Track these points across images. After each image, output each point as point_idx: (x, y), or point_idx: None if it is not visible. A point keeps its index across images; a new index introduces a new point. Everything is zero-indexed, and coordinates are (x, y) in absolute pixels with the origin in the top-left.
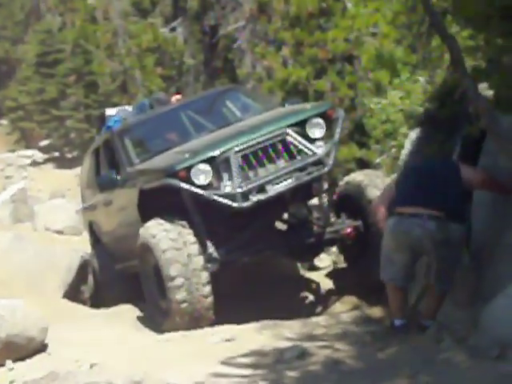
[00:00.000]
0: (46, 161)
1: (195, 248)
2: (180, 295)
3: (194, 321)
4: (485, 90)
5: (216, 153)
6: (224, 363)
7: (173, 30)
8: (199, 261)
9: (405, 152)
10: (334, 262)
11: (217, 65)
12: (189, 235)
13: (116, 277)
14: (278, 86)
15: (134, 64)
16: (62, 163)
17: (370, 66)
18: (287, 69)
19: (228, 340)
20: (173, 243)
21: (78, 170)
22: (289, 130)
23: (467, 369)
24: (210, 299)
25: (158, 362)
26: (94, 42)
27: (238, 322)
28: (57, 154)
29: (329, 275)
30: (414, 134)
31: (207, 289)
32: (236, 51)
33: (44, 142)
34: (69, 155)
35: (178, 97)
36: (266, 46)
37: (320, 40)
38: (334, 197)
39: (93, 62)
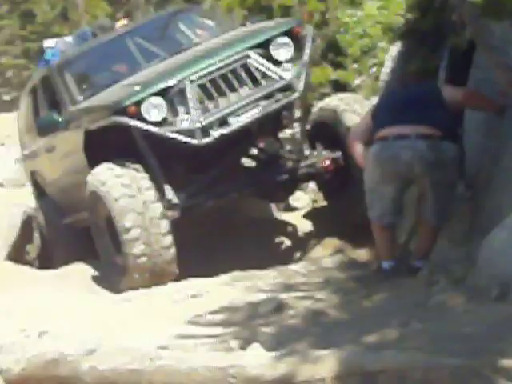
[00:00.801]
0: None
1: (152, 194)
2: (137, 248)
3: (156, 276)
4: None
5: (169, 83)
6: (190, 322)
7: None
8: (157, 208)
9: (385, 70)
10: (314, 201)
11: None
12: (143, 180)
13: (65, 232)
14: (237, 2)
15: None
16: None
17: None
18: None
19: (194, 296)
20: (126, 190)
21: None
22: (250, 53)
23: (464, 312)
24: (172, 251)
25: (115, 326)
26: None
27: (206, 276)
28: None
29: (307, 216)
30: (395, 49)
31: (168, 239)
32: None
33: None
34: (6, 97)
35: (124, 22)
36: None
37: None
38: (308, 126)
39: None
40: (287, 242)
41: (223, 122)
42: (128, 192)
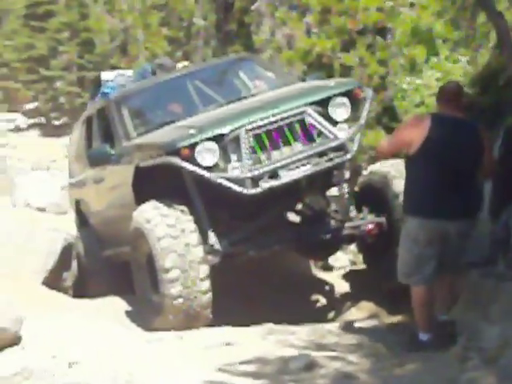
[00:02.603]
0: (30, 127)
1: (195, 237)
2: (175, 289)
3: (189, 319)
4: None
5: (225, 130)
6: (221, 370)
7: None
8: (198, 252)
9: None
10: (352, 263)
11: (231, 28)
12: (188, 222)
13: (103, 264)
14: (299, 56)
15: (136, 22)
16: (49, 130)
17: (405, 41)
18: (311, 38)
19: (227, 344)
20: (170, 230)
21: (65, 139)
22: (309, 109)
23: None
24: (209, 296)
25: (145, 365)
26: None
27: (239, 325)
28: (43, 119)
29: (345, 277)
30: None
31: (206, 284)
32: (254, 14)
33: (29, 106)
34: (56, 122)
35: (186, 63)
36: (288, 10)
37: (350, 8)
38: (356, 188)
39: (90, 17)
40: (323, 301)
41: (274, 175)
42: (172, 232)
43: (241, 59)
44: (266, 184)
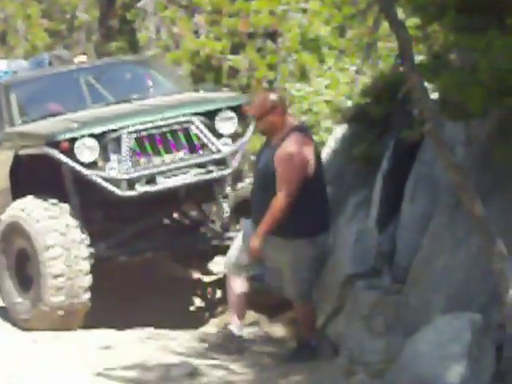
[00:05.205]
0: None
1: (77, 233)
2: (56, 268)
3: (67, 314)
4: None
5: (107, 128)
6: (100, 374)
7: None
8: (82, 247)
9: (327, 150)
10: None
11: (113, 24)
12: (71, 217)
13: None
14: (186, 57)
15: (16, 12)
16: None
17: (295, 47)
18: (199, 39)
19: (106, 347)
20: (53, 223)
21: None
22: (194, 119)
23: None
24: (88, 280)
25: (20, 367)
26: None
27: (118, 328)
28: None
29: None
30: (339, 131)
31: (86, 266)
32: (138, 12)
33: None
34: None
35: (83, 58)
36: (177, 9)
37: (241, 10)
38: (233, 200)
39: None
40: (202, 306)
41: (151, 180)
42: (56, 227)
43: (137, 61)
44: (141, 188)
